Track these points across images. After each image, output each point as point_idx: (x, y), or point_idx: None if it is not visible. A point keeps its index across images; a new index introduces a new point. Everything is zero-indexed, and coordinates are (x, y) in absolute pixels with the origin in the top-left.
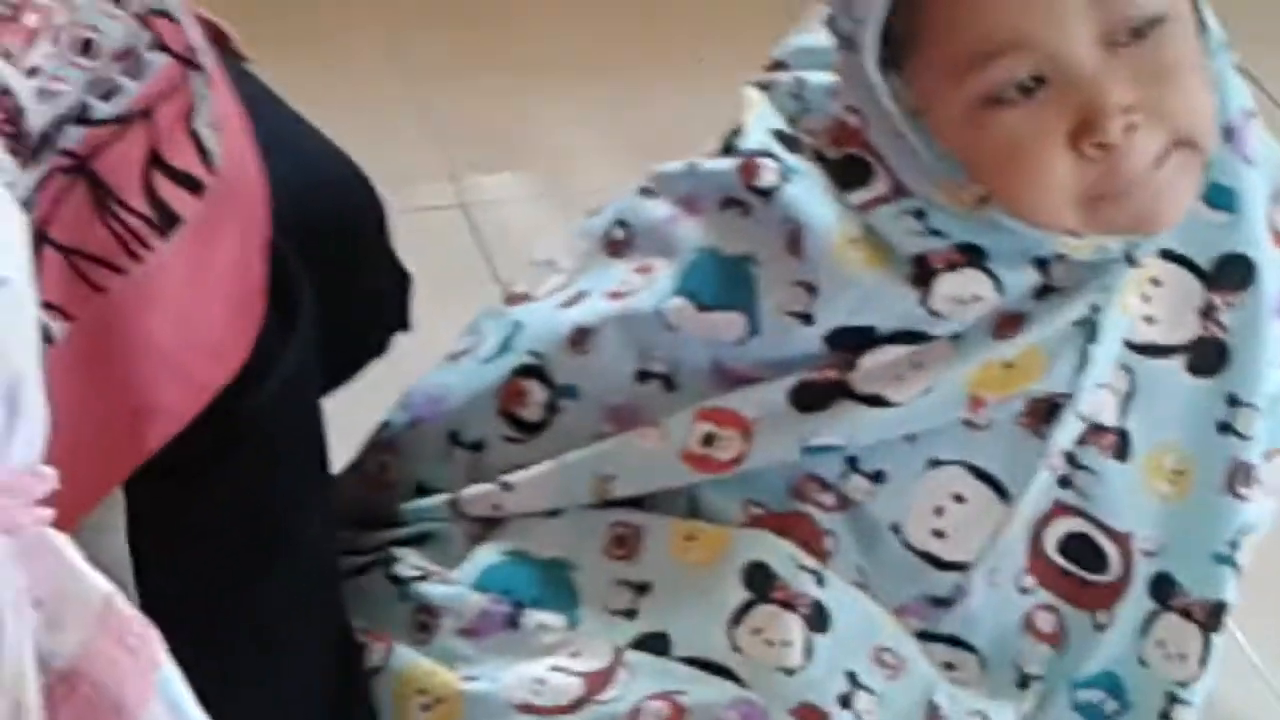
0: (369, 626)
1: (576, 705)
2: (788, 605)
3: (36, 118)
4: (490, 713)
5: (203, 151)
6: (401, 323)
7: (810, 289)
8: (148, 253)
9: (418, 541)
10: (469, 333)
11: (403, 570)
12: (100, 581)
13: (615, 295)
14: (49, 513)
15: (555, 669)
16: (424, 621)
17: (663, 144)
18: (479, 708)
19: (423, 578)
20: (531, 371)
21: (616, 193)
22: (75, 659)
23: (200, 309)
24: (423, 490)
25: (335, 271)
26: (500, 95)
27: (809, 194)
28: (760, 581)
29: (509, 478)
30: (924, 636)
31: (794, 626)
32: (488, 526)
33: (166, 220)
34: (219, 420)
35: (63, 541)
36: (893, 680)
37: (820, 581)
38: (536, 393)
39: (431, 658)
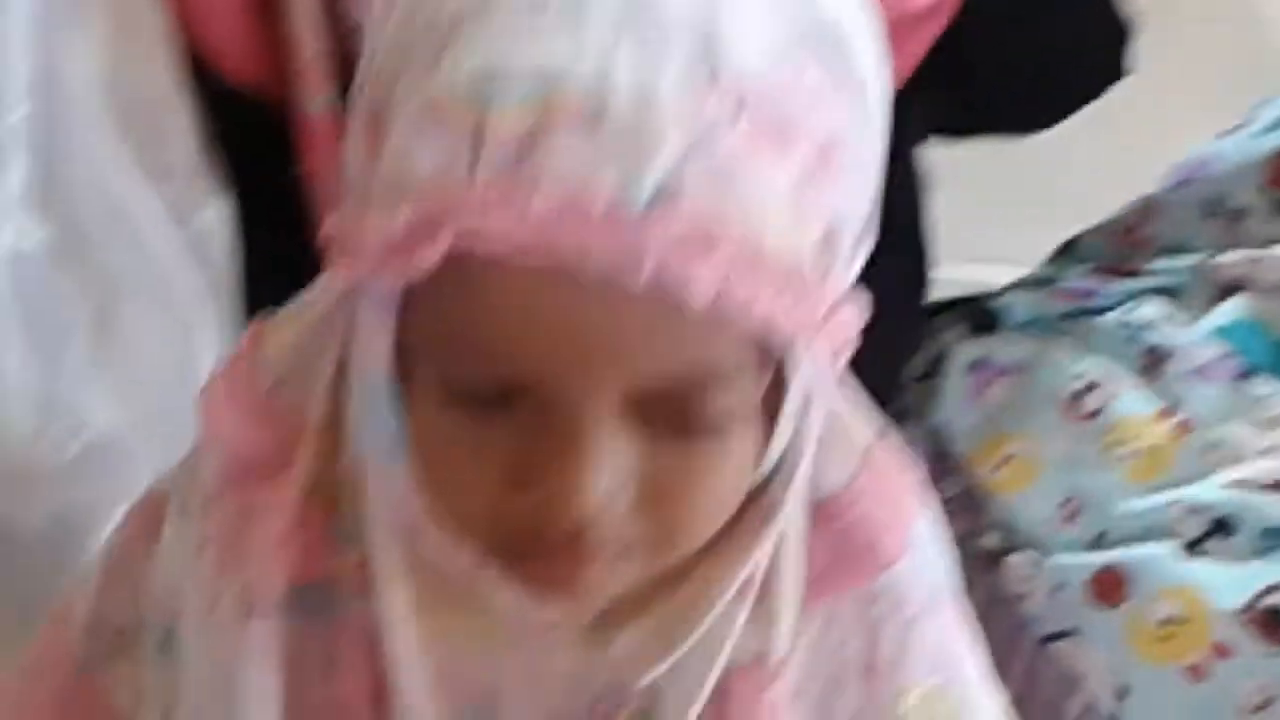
0: (1097, 366)
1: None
2: None
3: None
4: (1195, 469)
5: None
6: (1118, 73)
7: None
8: None
9: (1157, 295)
10: (1247, 113)
11: (1139, 316)
12: (867, 425)
13: None
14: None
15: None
16: (1151, 363)
17: None
18: (1187, 459)
19: (1157, 325)
20: None
21: None
22: (838, 493)
23: None
24: (1172, 250)
25: (1041, 17)
26: None
27: None
28: None
29: (1266, 251)
30: None
31: None
32: (1230, 292)
33: None
34: None
35: (840, 384)
36: None
37: None
38: None
39: (1154, 403)
